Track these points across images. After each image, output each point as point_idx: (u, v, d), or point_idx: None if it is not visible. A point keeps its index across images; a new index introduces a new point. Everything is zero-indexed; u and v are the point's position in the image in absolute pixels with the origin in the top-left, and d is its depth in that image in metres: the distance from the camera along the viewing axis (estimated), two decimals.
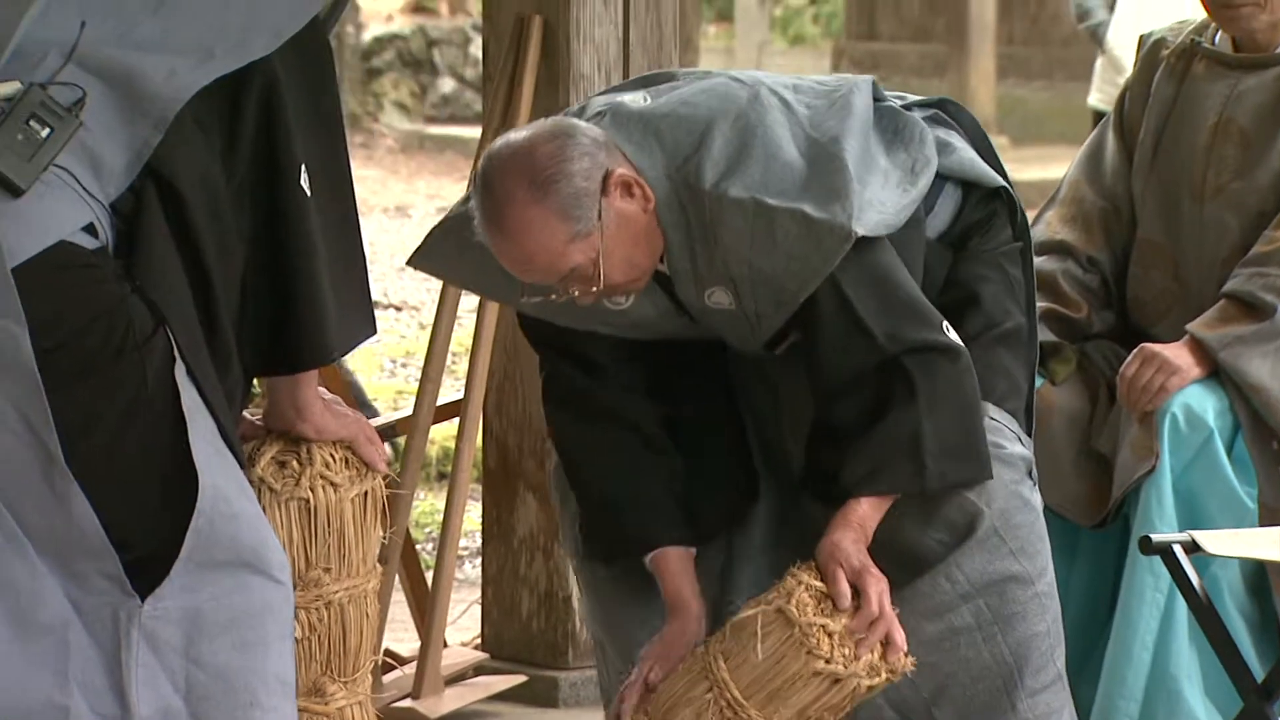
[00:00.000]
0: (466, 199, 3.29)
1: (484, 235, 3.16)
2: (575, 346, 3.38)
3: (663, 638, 3.32)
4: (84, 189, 2.79)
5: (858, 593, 3.19)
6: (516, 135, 3.21)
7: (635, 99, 3.31)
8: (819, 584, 3.20)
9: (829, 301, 3.21)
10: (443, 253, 3.35)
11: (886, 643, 3.20)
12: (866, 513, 3.23)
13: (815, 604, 3.19)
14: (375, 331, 3.10)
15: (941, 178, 3.40)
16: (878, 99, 3.39)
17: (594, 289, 3.17)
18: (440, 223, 3.35)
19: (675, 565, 3.35)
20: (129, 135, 2.80)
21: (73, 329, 2.76)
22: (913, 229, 3.33)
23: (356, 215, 3.03)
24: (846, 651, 3.18)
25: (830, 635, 3.18)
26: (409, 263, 3.40)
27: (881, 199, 3.24)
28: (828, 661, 3.18)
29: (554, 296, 3.20)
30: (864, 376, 3.24)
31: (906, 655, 3.23)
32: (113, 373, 2.78)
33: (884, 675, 3.22)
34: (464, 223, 3.23)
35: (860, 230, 3.16)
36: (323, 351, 3.01)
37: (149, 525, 2.81)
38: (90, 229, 2.80)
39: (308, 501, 3.05)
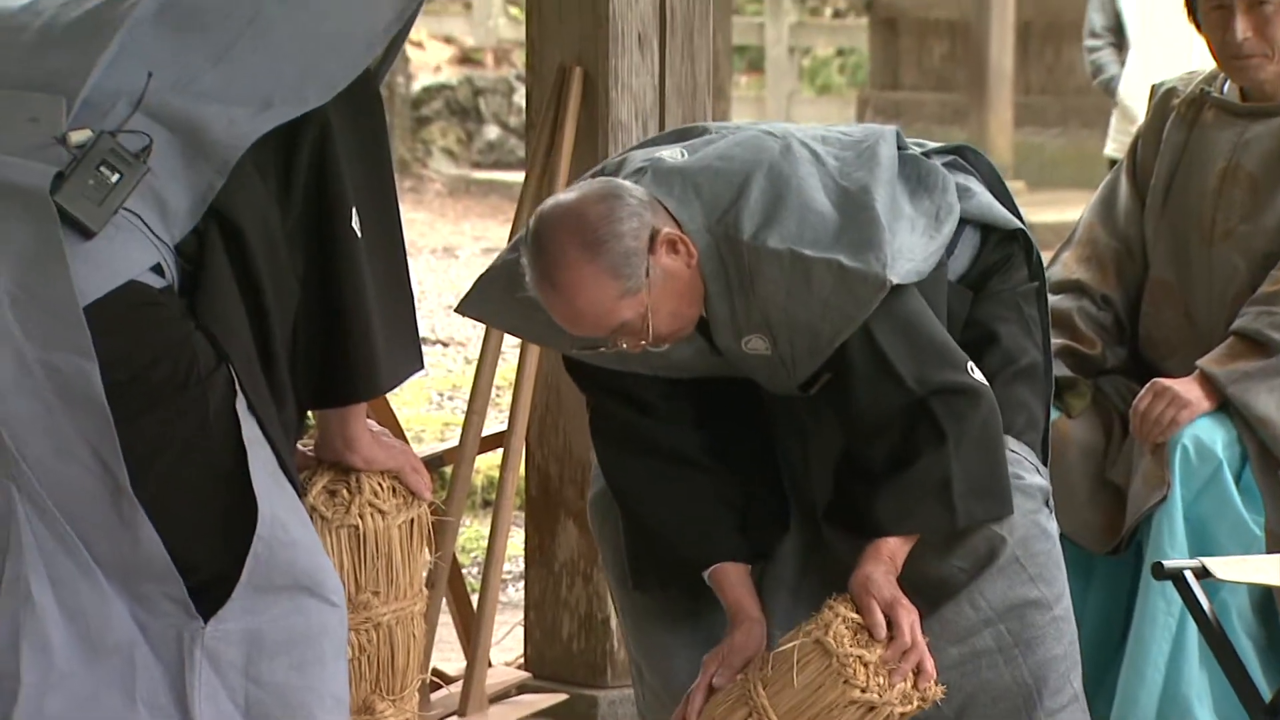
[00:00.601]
0: (512, 248, 3.28)
1: (536, 292, 3.16)
2: (620, 385, 3.38)
3: (730, 644, 3.30)
4: (151, 231, 2.79)
5: (890, 623, 3.18)
6: (567, 196, 3.20)
7: (673, 154, 3.30)
8: (855, 616, 3.20)
9: (861, 347, 3.21)
10: (489, 300, 3.34)
11: (918, 671, 3.19)
12: (896, 547, 3.24)
13: (851, 635, 3.19)
14: (422, 366, 3.10)
15: (961, 221, 3.39)
16: (900, 147, 3.39)
17: (642, 341, 3.17)
18: (486, 271, 3.35)
19: (734, 577, 3.34)
20: (193, 180, 2.80)
21: (141, 364, 2.77)
22: (937, 271, 3.32)
23: (405, 255, 3.04)
24: (881, 680, 3.18)
25: (866, 665, 3.17)
26: (457, 310, 3.41)
27: (910, 246, 3.24)
28: (864, 690, 3.17)
29: (603, 349, 3.21)
30: (894, 417, 3.24)
31: (936, 683, 3.23)
32: (178, 405, 2.79)
33: (916, 703, 3.22)
34: (509, 272, 3.23)
35: (894, 279, 3.16)
36: (373, 386, 3.02)
37: (211, 551, 2.81)
38: (157, 269, 2.81)
39: (357, 528, 3.05)
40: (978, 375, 3.26)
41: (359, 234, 2.91)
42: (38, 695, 2.73)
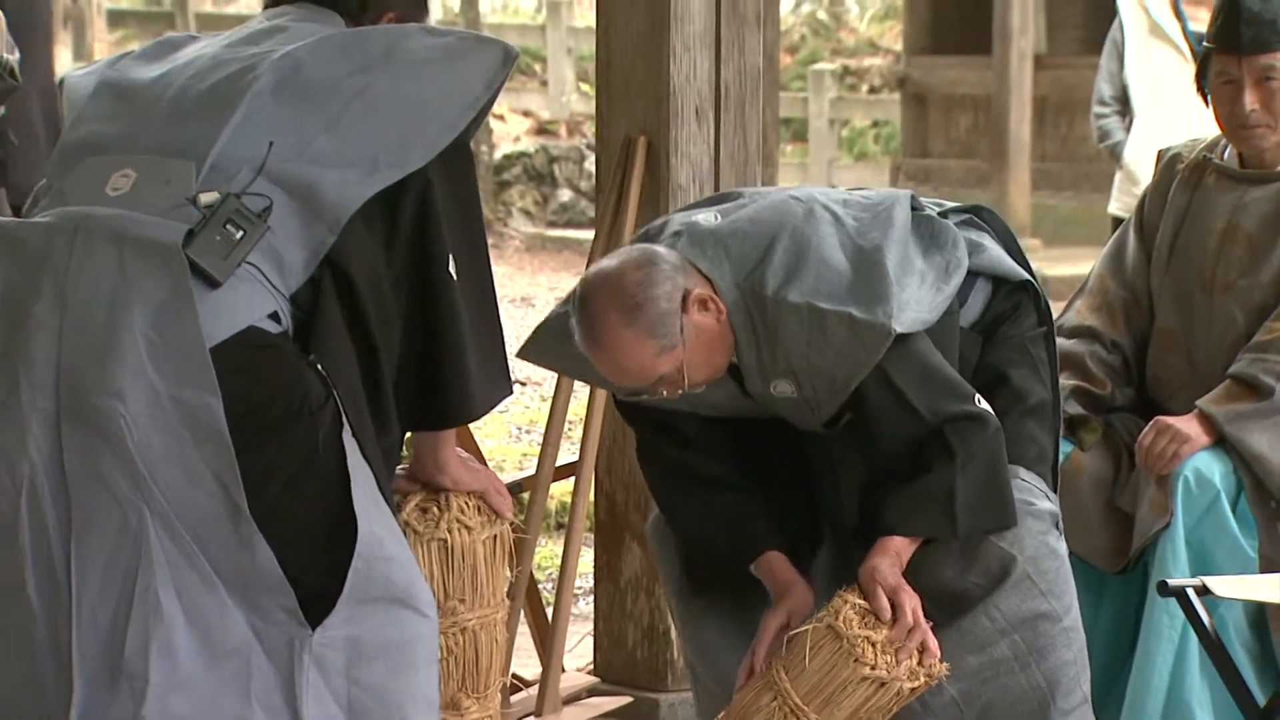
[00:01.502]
0: (563, 303, 3.30)
1: (583, 349, 3.18)
2: (664, 422, 3.39)
3: (786, 606, 3.31)
4: (269, 282, 2.80)
5: (895, 608, 3.18)
6: (608, 263, 3.22)
7: (707, 218, 3.31)
8: (862, 602, 3.21)
9: (879, 387, 3.22)
10: (546, 347, 3.37)
11: (923, 649, 3.19)
12: (902, 546, 3.25)
13: (860, 619, 3.20)
14: (511, 391, 3.09)
15: (973, 274, 3.39)
16: (916, 208, 3.39)
17: (679, 390, 3.19)
18: (542, 324, 3.37)
19: (779, 563, 3.35)
20: (307, 237, 2.81)
21: (259, 400, 2.77)
22: (948, 319, 3.33)
23: (495, 295, 3.03)
24: (889, 659, 3.19)
25: (874, 645, 3.18)
26: (518, 355, 3.42)
27: (919, 298, 3.24)
28: (873, 668, 3.18)
29: (645, 396, 3.22)
30: (911, 445, 3.25)
31: (941, 661, 3.23)
32: (290, 436, 2.79)
33: (923, 679, 3.22)
34: (560, 325, 3.25)
35: (899, 329, 3.17)
36: (467, 412, 3.01)
37: (318, 565, 2.80)
38: (274, 316, 2.81)
39: (446, 542, 3.05)
40: (984, 404, 3.28)
41: (454, 278, 2.91)
42: (164, 694, 2.73)
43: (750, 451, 3.42)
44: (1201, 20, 5.48)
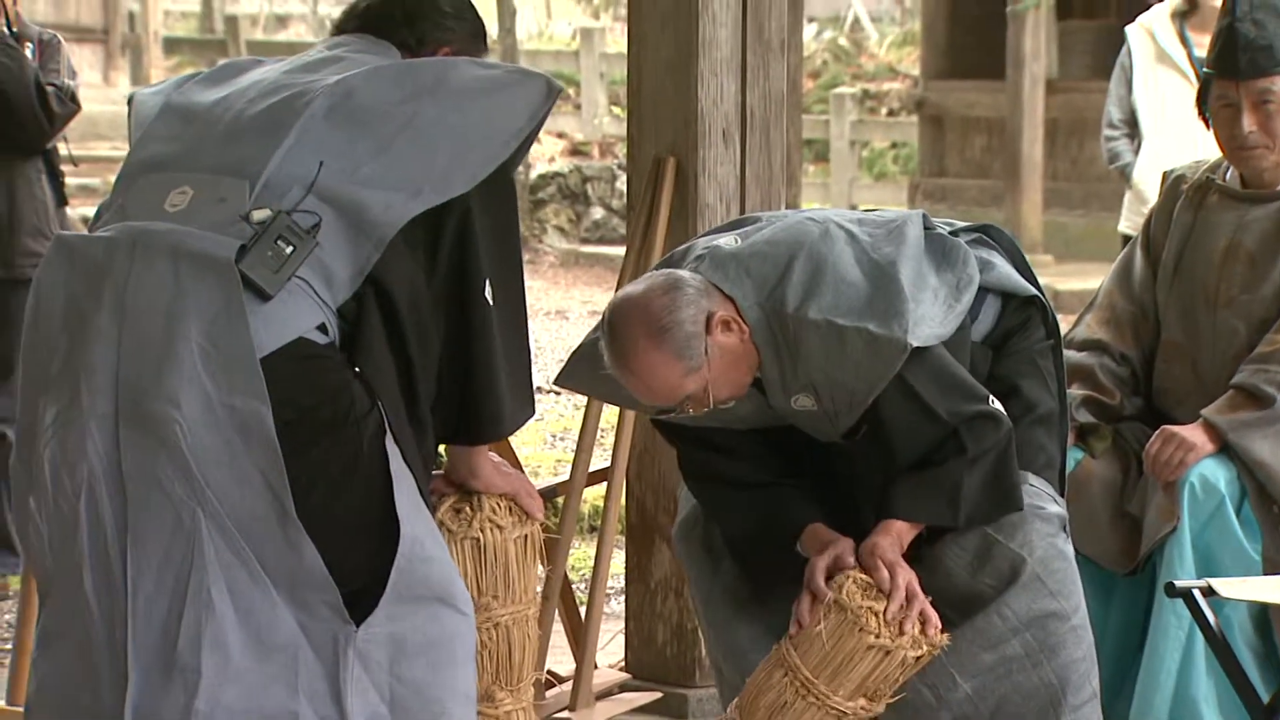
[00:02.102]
0: (594, 331, 3.30)
1: (613, 371, 3.18)
2: (698, 435, 3.39)
3: (832, 552, 3.28)
4: (318, 296, 2.80)
5: (893, 581, 3.20)
6: (635, 289, 3.22)
7: (728, 241, 3.31)
8: (864, 577, 3.22)
9: (899, 394, 3.22)
10: (579, 376, 3.37)
11: (924, 620, 3.20)
12: (903, 530, 3.26)
13: (862, 593, 3.21)
14: (535, 413, 3.10)
15: (983, 290, 3.39)
16: (928, 227, 3.39)
17: (705, 408, 3.19)
18: (576, 351, 3.37)
19: (821, 529, 3.34)
20: (354, 254, 2.82)
21: (306, 406, 2.77)
22: (960, 333, 3.32)
23: (526, 321, 3.04)
24: (892, 629, 3.19)
25: (877, 615, 3.19)
26: (555, 383, 3.44)
27: (932, 314, 3.24)
28: (877, 637, 3.18)
29: (673, 415, 3.23)
30: (929, 446, 3.26)
31: (941, 631, 3.23)
32: (336, 441, 2.79)
33: (925, 648, 3.23)
34: (593, 352, 3.25)
35: (915, 343, 3.17)
36: (498, 430, 3.03)
37: (361, 565, 2.81)
38: (322, 328, 2.81)
39: (478, 540, 3.05)
40: (997, 405, 3.28)
41: (490, 302, 2.91)
42: (216, 686, 2.73)
43: (781, 457, 3.42)
44: (1206, 46, 5.46)
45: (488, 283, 2.91)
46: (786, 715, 3.23)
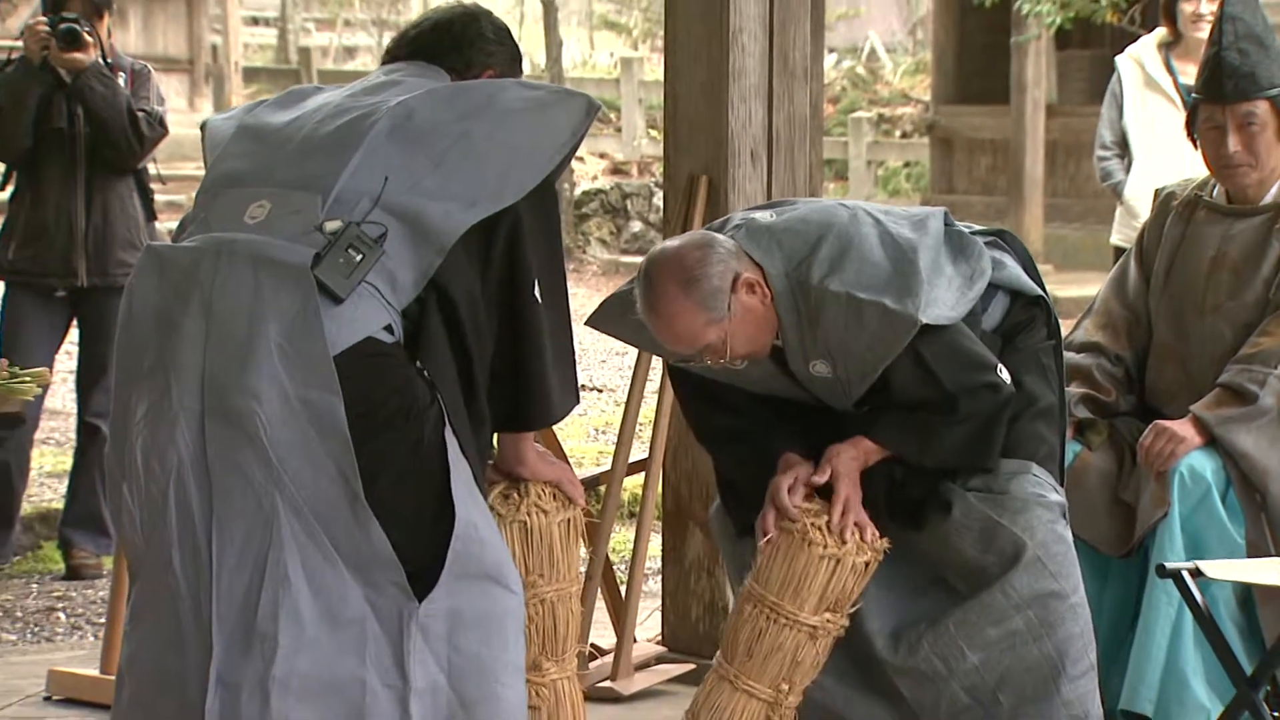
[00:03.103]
0: (629, 284, 3.30)
1: (643, 316, 3.19)
2: (711, 394, 3.37)
3: (792, 472, 3.31)
4: (385, 299, 2.80)
5: (834, 492, 3.23)
6: (672, 243, 3.24)
7: (764, 215, 3.31)
8: (809, 505, 3.23)
9: (909, 362, 3.21)
10: (611, 316, 3.36)
11: (861, 528, 3.22)
12: (870, 448, 3.26)
13: (807, 515, 3.22)
14: (579, 402, 3.09)
15: (994, 287, 3.38)
16: (949, 224, 3.38)
17: (722, 359, 3.18)
18: (611, 296, 3.38)
19: (791, 455, 3.33)
20: (416, 260, 2.81)
21: (375, 400, 2.77)
22: (969, 319, 3.32)
23: (570, 318, 3.03)
24: (835, 539, 3.19)
25: (821, 529, 3.19)
26: (587, 323, 3.43)
27: (945, 298, 3.23)
28: (825, 548, 3.19)
29: (692, 363, 3.22)
30: (926, 406, 3.25)
31: (880, 537, 3.24)
32: (401, 432, 2.79)
33: (870, 553, 3.23)
34: (625, 300, 3.27)
35: (925, 320, 3.16)
36: (547, 418, 3.01)
37: (421, 546, 2.80)
38: (388, 328, 2.81)
39: (525, 524, 3.04)
40: (1004, 374, 3.27)
41: (539, 301, 2.91)
42: (291, 654, 2.74)
43: (786, 422, 3.41)
44: (1190, 74, 5.47)
45: (536, 284, 2.90)
46: (764, 643, 3.22)
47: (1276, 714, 3.72)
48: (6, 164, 5.53)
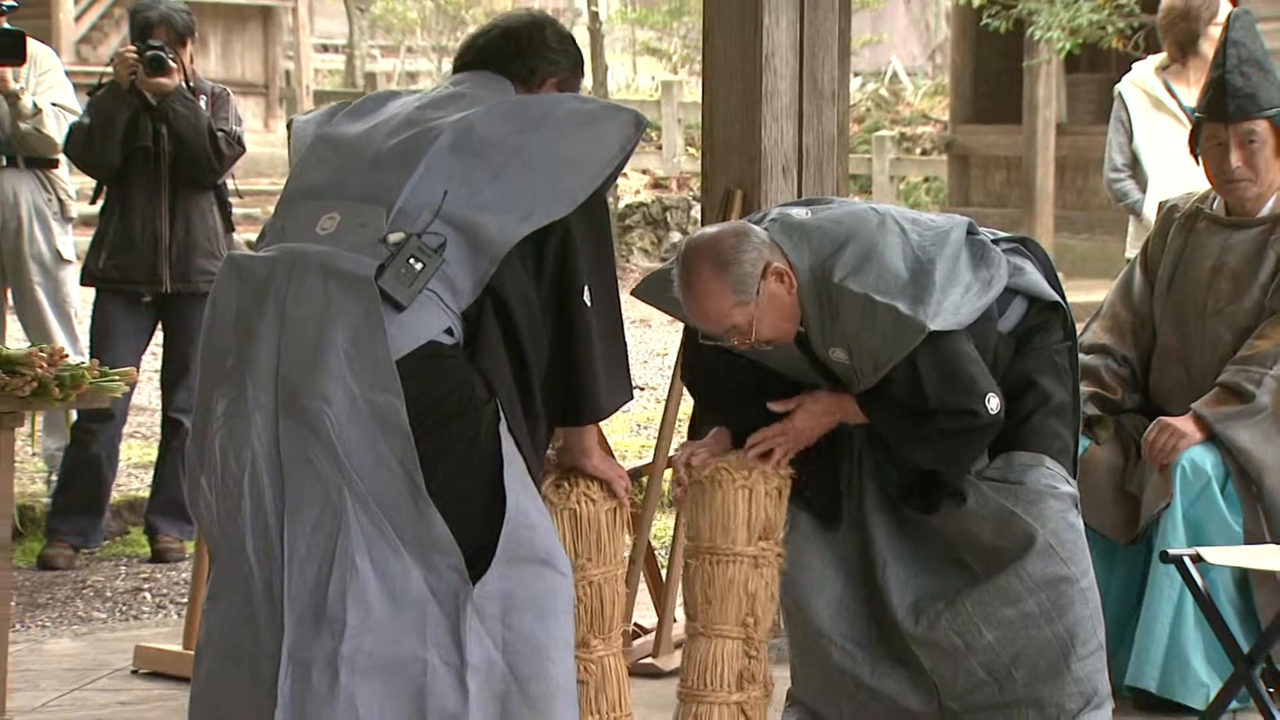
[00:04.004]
0: (669, 264, 3.29)
1: (679, 293, 3.18)
2: (707, 364, 3.37)
3: (712, 439, 3.33)
4: (445, 303, 2.80)
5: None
6: (710, 229, 3.24)
7: (800, 212, 3.31)
8: (715, 460, 3.23)
9: (905, 370, 3.19)
10: (653, 291, 3.36)
11: (764, 457, 3.23)
12: (854, 410, 3.25)
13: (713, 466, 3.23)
14: (632, 396, 3.08)
15: (1013, 292, 3.36)
16: (972, 233, 3.35)
17: (747, 341, 3.18)
18: (654, 272, 3.38)
19: (723, 432, 3.34)
20: (474, 268, 2.81)
21: (434, 398, 2.77)
22: (988, 325, 3.30)
23: (621, 319, 3.02)
24: (740, 473, 3.19)
25: (725, 469, 3.20)
26: (632, 294, 3.42)
27: (958, 304, 3.21)
28: (733, 482, 3.19)
29: (720, 342, 3.22)
30: (905, 411, 3.23)
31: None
32: (459, 427, 2.79)
33: (777, 480, 3.23)
34: (664, 277, 3.27)
35: (933, 326, 3.14)
36: (596, 414, 3.00)
37: (476, 532, 2.79)
38: (448, 331, 2.81)
39: (575, 511, 3.04)
40: (992, 406, 3.22)
41: (589, 304, 2.90)
42: (358, 635, 2.74)
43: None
44: (1188, 95, 5.46)
45: (586, 289, 2.89)
46: (716, 587, 3.21)
47: (1271, 690, 3.69)
48: (98, 180, 5.55)
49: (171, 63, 5.37)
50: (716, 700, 3.18)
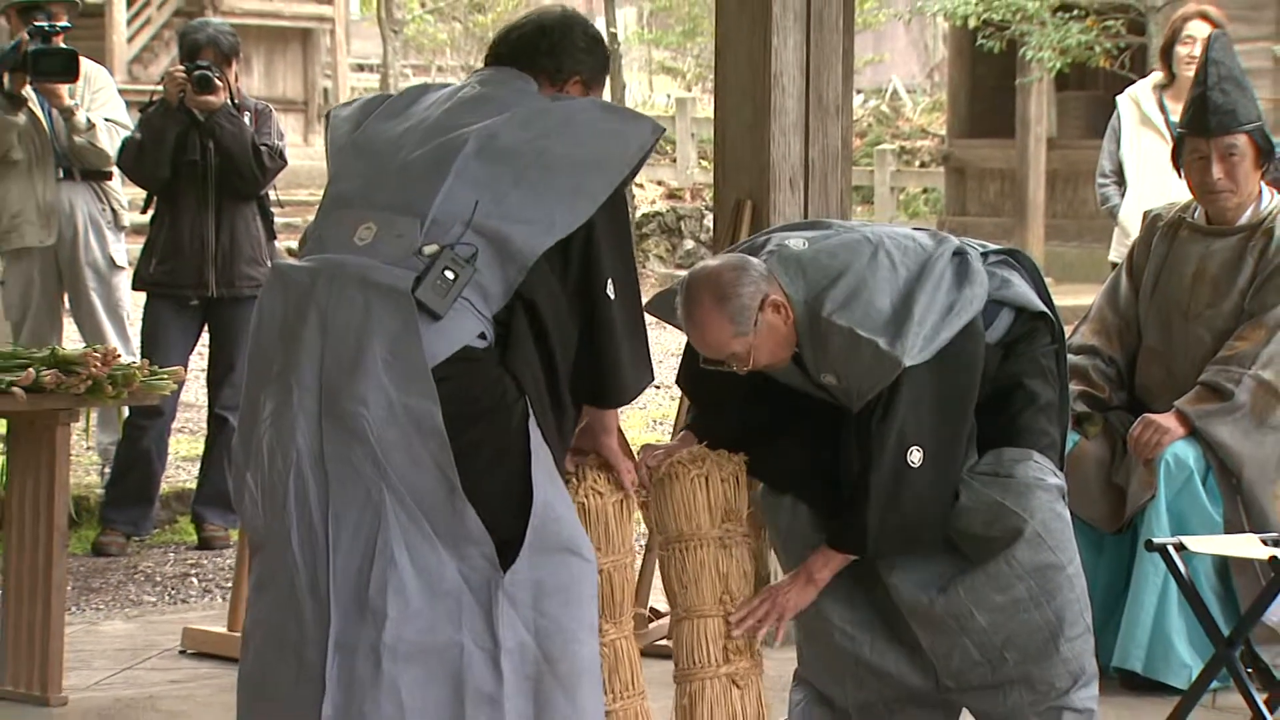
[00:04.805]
0: (674, 287, 3.28)
1: (682, 322, 3.17)
2: (698, 387, 3.35)
3: (677, 444, 3.31)
4: (478, 310, 2.79)
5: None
6: (712, 262, 3.21)
7: (797, 243, 3.26)
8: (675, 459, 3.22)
9: (881, 394, 3.16)
10: (664, 309, 3.32)
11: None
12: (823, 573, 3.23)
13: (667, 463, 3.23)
14: (654, 378, 3.05)
15: (999, 304, 3.33)
16: (960, 252, 3.31)
17: (746, 367, 3.17)
18: (666, 290, 3.35)
19: (689, 434, 3.33)
20: (504, 276, 2.80)
21: (470, 397, 2.76)
22: (973, 344, 3.24)
23: (641, 308, 2.99)
24: (695, 464, 3.18)
25: (680, 463, 3.18)
26: (645, 308, 3.40)
27: (935, 327, 3.17)
28: (689, 472, 3.17)
29: (720, 367, 3.20)
30: (862, 428, 3.18)
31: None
32: (490, 425, 2.78)
33: (730, 467, 3.20)
34: (671, 298, 3.24)
35: (908, 362, 3.11)
36: (621, 396, 2.97)
37: (505, 523, 2.79)
38: (481, 335, 2.80)
39: (584, 505, 3.01)
40: (914, 457, 3.16)
41: (612, 297, 2.88)
42: (398, 623, 2.73)
43: (779, 409, 3.36)
44: (1176, 111, 5.46)
45: (610, 281, 2.87)
46: (689, 572, 3.19)
47: (1250, 670, 3.68)
48: (148, 191, 5.56)
49: (218, 81, 5.38)
50: (706, 675, 3.16)
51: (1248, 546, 3.73)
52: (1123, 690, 3.99)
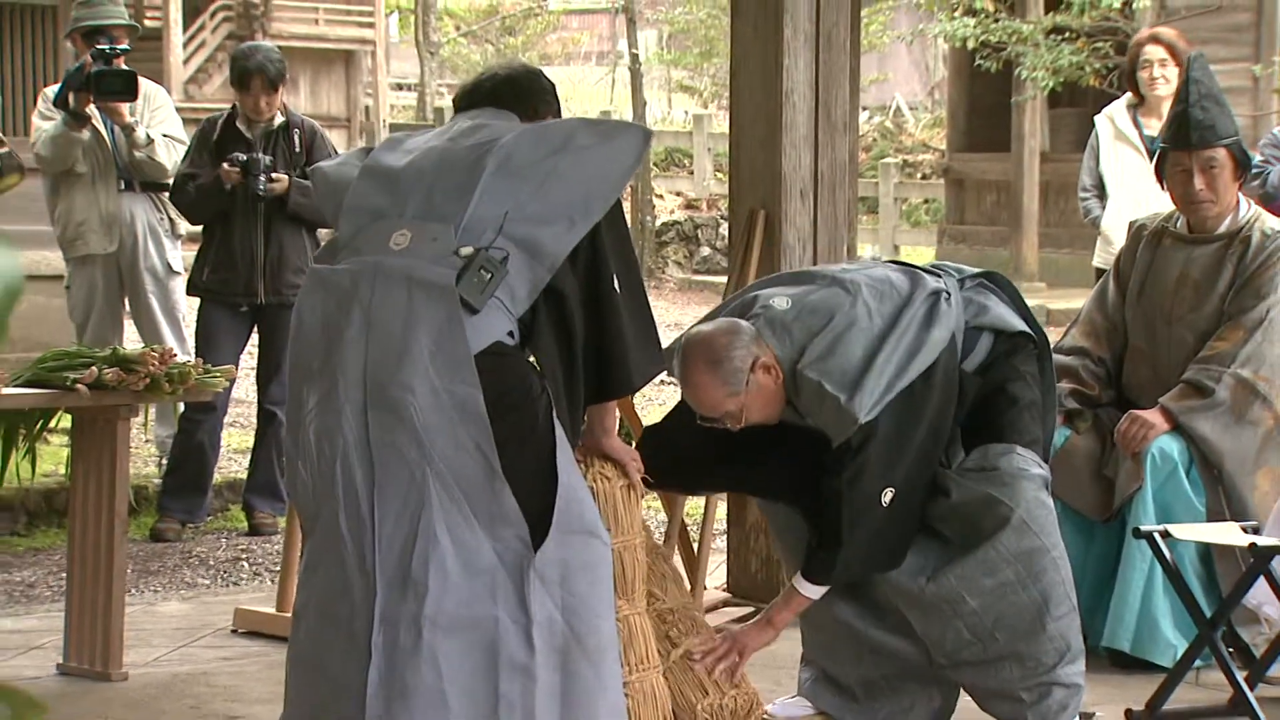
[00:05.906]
0: (675, 341, 3.28)
1: (678, 383, 3.20)
2: (670, 443, 3.34)
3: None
4: (508, 309, 2.80)
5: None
6: (706, 327, 3.22)
7: (781, 302, 3.27)
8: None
9: (853, 441, 3.17)
10: (669, 364, 3.31)
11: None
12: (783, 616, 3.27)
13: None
14: (664, 367, 3.05)
15: (978, 330, 3.33)
16: (934, 293, 3.28)
17: (739, 424, 3.19)
18: (670, 346, 3.30)
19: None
20: (531, 277, 2.81)
21: (501, 390, 2.77)
22: (949, 375, 3.24)
23: (646, 298, 2.99)
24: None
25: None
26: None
27: (889, 382, 3.16)
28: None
29: (715, 424, 3.21)
30: (828, 465, 3.20)
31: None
32: (522, 415, 2.79)
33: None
34: (674, 354, 3.23)
35: (862, 419, 3.13)
36: (628, 386, 2.97)
37: (532, 507, 2.80)
38: (511, 333, 2.82)
39: (592, 489, 2.98)
40: (887, 498, 3.17)
41: (617, 290, 2.89)
42: (438, 597, 2.75)
43: (765, 450, 3.36)
44: (1152, 127, 5.49)
45: (615, 277, 2.88)
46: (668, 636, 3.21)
47: (1231, 650, 3.67)
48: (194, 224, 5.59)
49: (275, 181, 5.35)
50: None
51: (1229, 534, 3.73)
52: (1112, 668, 3.98)
